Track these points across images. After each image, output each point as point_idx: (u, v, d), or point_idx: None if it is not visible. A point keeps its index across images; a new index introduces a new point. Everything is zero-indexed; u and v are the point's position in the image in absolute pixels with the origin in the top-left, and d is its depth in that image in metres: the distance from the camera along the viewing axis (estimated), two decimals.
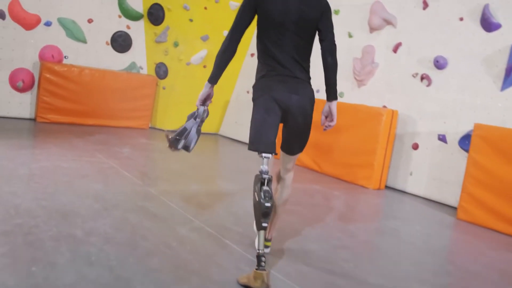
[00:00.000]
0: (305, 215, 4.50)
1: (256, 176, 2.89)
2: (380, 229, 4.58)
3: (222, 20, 8.41)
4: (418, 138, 6.23)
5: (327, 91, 3.15)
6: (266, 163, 2.88)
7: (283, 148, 3.20)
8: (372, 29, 6.83)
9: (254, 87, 3.09)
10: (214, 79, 3.02)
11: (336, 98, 3.12)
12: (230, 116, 9.33)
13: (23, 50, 8.01)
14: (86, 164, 5.23)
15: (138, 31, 8.99)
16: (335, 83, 3.11)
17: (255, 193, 2.84)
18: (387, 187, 6.43)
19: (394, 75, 6.56)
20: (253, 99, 3.06)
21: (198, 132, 3.12)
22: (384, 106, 6.59)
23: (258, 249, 2.74)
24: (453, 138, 5.83)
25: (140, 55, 9.07)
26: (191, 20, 8.53)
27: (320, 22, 3.01)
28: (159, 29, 8.84)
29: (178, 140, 3.06)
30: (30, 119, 8.11)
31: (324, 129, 3.20)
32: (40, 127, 7.62)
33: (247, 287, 2.67)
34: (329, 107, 3.13)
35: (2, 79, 7.91)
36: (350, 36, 7.13)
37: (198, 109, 3.11)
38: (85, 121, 8.31)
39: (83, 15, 8.45)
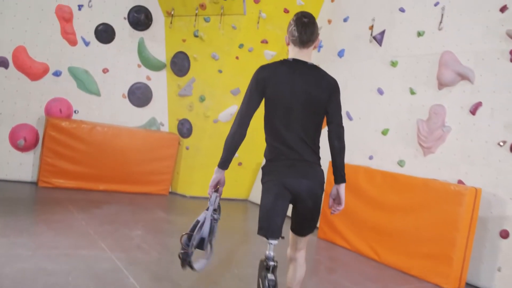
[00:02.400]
0: None
1: (261, 261, 2.93)
2: None
3: None
4: (508, 223, 4.86)
5: (334, 173, 3.07)
6: (272, 249, 2.89)
7: (294, 229, 3.14)
8: (441, 84, 5.58)
9: (263, 169, 3.07)
10: (224, 164, 2.98)
11: (344, 181, 3.06)
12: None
13: (27, 103, 6.99)
14: (80, 263, 3.93)
15: (160, 82, 7.95)
16: (342, 166, 3.06)
17: (260, 281, 2.90)
18: (468, 285, 5.01)
19: (472, 142, 5.25)
20: (262, 182, 3.04)
21: (213, 228, 2.97)
22: (460, 181, 5.25)
23: None
24: None
25: (161, 110, 8.01)
26: (220, 71, 7.43)
27: (328, 104, 2.97)
28: (184, 80, 7.77)
29: (190, 237, 2.85)
30: (31, 182, 6.99)
31: (332, 213, 3.16)
32: (40, 194, 6.47)
33: None
34: (337, 190, 3.08)
35: (1, 136, 6.86)
36: (412, 92, 5.89)
37: (210, 197, 3.02)
38: (94, 186, 7.14)
39: (98, 64, 7.45)
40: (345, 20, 6.96)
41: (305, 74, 2.95)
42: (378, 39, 6.38)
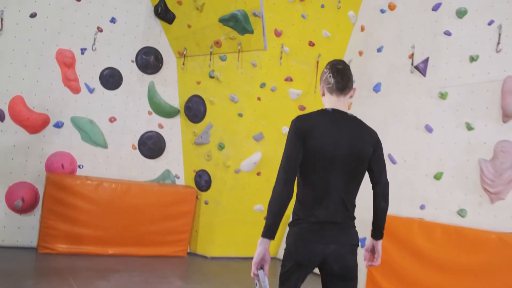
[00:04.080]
0: None
1: None
2: None
3: (281, 114, 6.51)
4: None
5: (373, 230, 2.92)
6: None
7: None
8: (507, 116, 4.66)
9: (289, 227, 2.82)
10: (271, 232, 2.68)
11: (381, 238, 2.92)
12: None
13: (25, 159, 6.23)
14: None
15: (173, 130, 7.18)
16: (383, 225, 2.90)
17: None
18: None
19: None
20: (286, 243, 2.83)
21: None
22: None
23: None
24: None
25: (175, 161, 7.21)
26: (240, 115, 6.61)
27: (372, 160, 2.78)
28: (200, 127, 6.99)
29: None
30: (31, 248, 6.12)
31: (367, 266, 3.02)
32: (39, 263, 5.64)
33: None
34: (373, 246, 2.95)
35: None
36: (469, 128, 4.97)
37: (258, 279, 2.61)
38: (102, 251, 6.26)
39: (104, 112, 6.72)
40: (379, 50, 6.15)
41: (347, 125, 2.77)
42: (421, 68, 5.53)
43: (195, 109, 6.98)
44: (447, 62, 5.30)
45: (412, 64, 5.66)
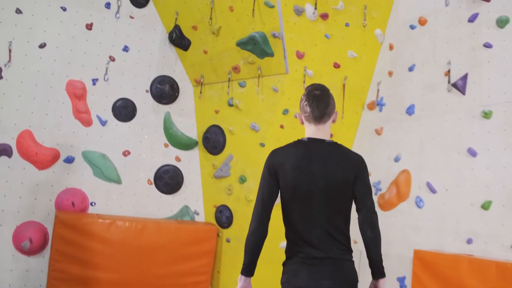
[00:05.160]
0: None
1: None
2: None
3: None
4: None
5: (371, 267, 2.69)
6: None
7: None
8: None
9: (283, 266, 2.79)
10: (247, 269, 2.74)
11: (383, 276, 2.66)
12: None
13: (33, 197, 5.87)
14: None
15: (191, 163, 6.74)
16: (379, 259, 2.66)
17: None
18: None
19: None
20: (281, 283, 2.76)
21: None
22: None
23: None
24: None
25: (194, 196, 6.75)
26: (262, 145, 6.15)
27: (354, 187, 2.67)
28: (219, 159, 6.55)
29: None
30: None
31: None
32: None
33: None
34: (375, 286, 2.71)
35: (3, 237, 5.70)
36: None
37: None
38: None
39: (117, 146, 6.35)
40: (410, 69, 5.64)
41: (323, 154, 2.68)
42: (460, 86, 4.99)
43: (214, 140, 6.55)
44: (490, 77, 4.75)
45: (449, 82, 5.12)
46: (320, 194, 2.63)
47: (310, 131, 2.78)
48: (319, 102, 2.74)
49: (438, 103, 5.25)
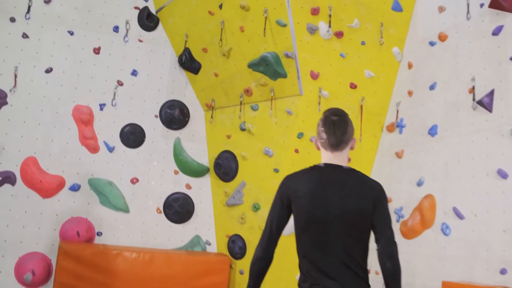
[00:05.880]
0: None
1: None
2: None
3: None
4: None
5: None
6: None
7: None
8: None
9: None
10: None
11: None
12: None
13: (37, 226, 5.66)
14: None
15: (202, 191, 6.50)
16: None
17: None
18: None
19: None
20: None
21: None
22: None
23: None
24: None
25: (205, 225, 6.48)
26: (276, 171, 5.86)
27: (373, 216, 2.56)
28: (232, 186, 6.29)
29: None
30: None
31: None
32: None
33: None
34: None
35: (5, 269, 5.46)
36: None
37: None
38: None
39: (125, 173, 6.14)
40: (431, 87, 5.35)
41: (340, 181, 2.60)
42: (486, 103, 4.67)
43: (225, 166, 6.29)
44: None
45: (474, 99, 4.80)
46: (336, 223, 2.54)
47: (327, 157, 2.70)
48: (336, 128, 2.65)
49: (463, 122, 4.92)
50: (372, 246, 2.75)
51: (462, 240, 4.70)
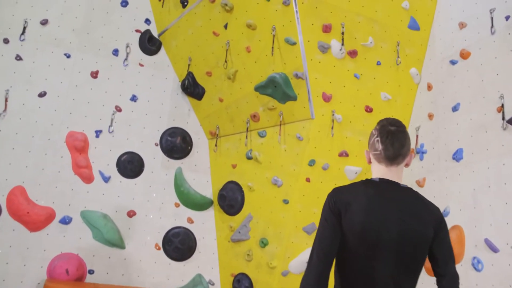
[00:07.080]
0: None
1: None
2: None
3: None
4: None
5: None
6: None
7: None
8: None
9: None
10: None
11: None
12: None
13: (23, 262, 5.17)
14: None
15: (205, 225, 6.03)
16: None
17: None
18: None
19: None
20: None
21: None
22: None
23: None
24: None
25: (208, 263, 5.98)
26: (285, 202, 5.39)
27: (434, 244, 2.32)
28: (237, 220, 5.82)
29: None
30: None
31: None
32: None
33: None
34: None
35: None
36: None
37: None
38: None
39: (121, 206, 5.68)
40: (454, 108, 4.94)
41: (398, 199, 2.33)
42: None
43: (230, 198, 5.84)
44: None
45: (503, 118, 4.38)
46: (390, 247, 2.28)
47: (380, 172, 2.45)
48: (394, 140, 2.40)
49: (492, 144, 4.49)
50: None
51: (496, 275, 4.19)
